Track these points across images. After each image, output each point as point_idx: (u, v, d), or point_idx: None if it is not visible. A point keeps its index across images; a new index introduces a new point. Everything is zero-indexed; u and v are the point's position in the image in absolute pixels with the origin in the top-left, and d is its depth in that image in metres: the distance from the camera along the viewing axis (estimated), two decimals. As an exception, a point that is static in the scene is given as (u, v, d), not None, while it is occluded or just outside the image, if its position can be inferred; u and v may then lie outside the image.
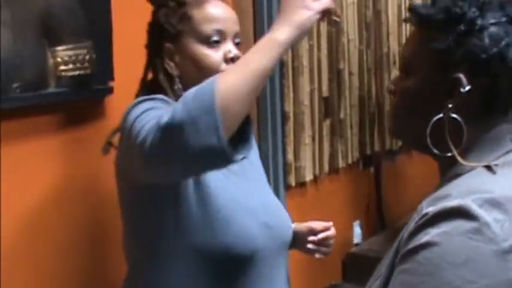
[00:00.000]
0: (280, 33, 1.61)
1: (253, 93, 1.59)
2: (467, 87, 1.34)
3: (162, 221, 1.85)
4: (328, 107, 3.66)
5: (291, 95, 3.41)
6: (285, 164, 3.45)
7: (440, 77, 1.37)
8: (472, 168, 1.36)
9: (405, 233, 1.34)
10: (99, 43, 2.24)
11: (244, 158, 1.64)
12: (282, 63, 3.37)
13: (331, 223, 2.19)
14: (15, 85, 1.99)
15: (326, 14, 1.66)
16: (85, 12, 2.18)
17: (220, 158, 1.55)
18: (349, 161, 3.86)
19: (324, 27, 3.49)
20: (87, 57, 2.19)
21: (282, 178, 3.42)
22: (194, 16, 1.90)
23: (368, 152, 3.97)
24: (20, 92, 2.01)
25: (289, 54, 3.41)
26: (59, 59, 2.11)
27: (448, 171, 1.40)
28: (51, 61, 2.10)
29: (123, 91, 2.23)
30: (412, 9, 1.43)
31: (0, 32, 1.94)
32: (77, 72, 2.16)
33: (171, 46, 1.92)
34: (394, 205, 4.22)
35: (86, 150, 2.29)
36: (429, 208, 1.30)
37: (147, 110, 1.72)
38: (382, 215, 4.07)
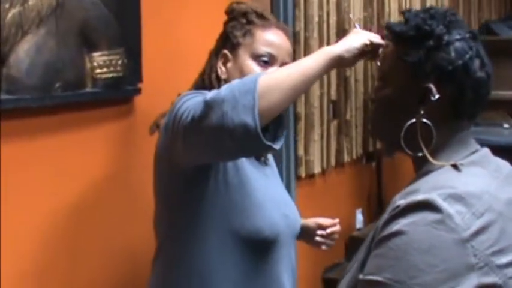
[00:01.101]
0: (331, 47, 1.67)
1: (292, 89, 1.58)
2: (437, 96, 1.35)
3: (201, 203, 1.84)
4: (336, 109, 3.65)
5: (303, 97, 3.40)
6: (296, 158, 3.45)
7: (413, 86, 1.38)
8: (440, 167, 1.38)
9: (380, 222, 1.35)
10: (130, 50, 2.24)
11: (273, 149, 1.59)
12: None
13: (337, 220, 2.22)
14: (57, 85, 2.01)
15: (377, 50, 1.67)
16: (118, 23, 2.19)
17: (251, 138, 1.53)
18: (354, 157, 3.84)
19: (333, 40, 3.48)
20: (120, 62, 2.19)
21: (293, 170, 3.42)
22: (256, 35, 1.93)
23: (370, 149, 3.96)
24: (61, 91, 2.02)
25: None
26: (95, 63, 2.12)
27: (420, 169, 1.42)
28: (88, 65, 2.11)
29: (150, 91, 2.26)
30: (387, 27, 1.44)
31: (46, 40, 1.96)
32: (110, 75, 2.16)
33: (228, 53, 1.95)
34: (392, 195, 4.11)
35: (118, 144, 2.28)
36: (400, 201, 1.32)
37: (193, 97, 1.73)
38: (381, 204, 4.06)
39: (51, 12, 1.95)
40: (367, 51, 1.66)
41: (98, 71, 2.13)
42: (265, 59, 1.90)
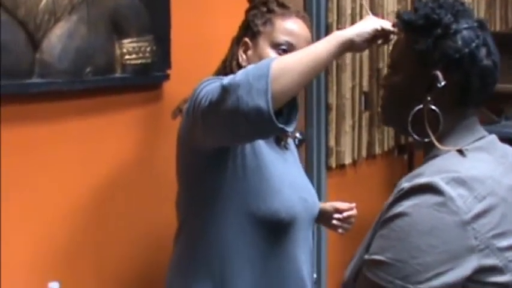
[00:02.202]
0: (341, 31, 1.69)
1: (304, 73, 1.61)
2: (443, 83, 1.39)
3: (220, 185, 1.89)
4: (368, 100, 3.67)
5: (334, 89, 3.43)
6: (327, 148, 3.48)
7: (421, 74, 1.42)
8: (446, 152, 1.41)
9: (386, 204, 1.39)
10: (159, 37, 2.29)
11: (285, 131, 1.63)
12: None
13: (354, 204, 2.24)
14: (87, 70, 2.07)
15: (387, 36, 1.69)
16: (148, 11, 2.24)
17: (265, 121, 1.56)
18: (385, 149, 3.85)
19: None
20: (149, 48, 2.25)
21: (324, 160, 3.46)
22: (276, 24, 1.96)
23: (402, 141, 3.97)
24: (91, 75, 2.08)
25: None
26: (124, 50, 2.17)
27: (427, 154, 1.46)
28: (118, 51, 2.17)
29: (178, 77, 2.31)
30: (398, 16, 1.47)
31: (78, 27, 2.03)
32: (139, 61, 2.22)
33: (248, 41, 1.99)
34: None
35: (146, 128, 2.34)
36: (405, 184, 1.36)
37: (212, 82, 1.77)
38: (413, 197, 4.07)
39: (83, 0, 2.02)
40: (378, 37, 1.68)
41: (127, 57, 2.18)
42: (284, 47, 1.93)
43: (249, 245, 1.90)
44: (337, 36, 1.65)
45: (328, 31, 3.22)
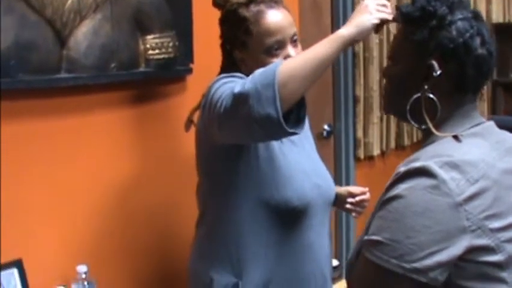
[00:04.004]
0: (343, 30, 1.71)
1: (310, 76, 1.65)
2: (439, 72, 1.44)
3: (235, 175, 1.95)
4: (396, 92, 3.70)
5: (362, 81, 3.49)
6: (355, 140, 3.53)
7: (418, 63, 1.47)
8: (442, 138, 1.46)
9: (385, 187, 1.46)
10: (182, 32, 2.36)
11: (296, 133, 1.69)
12: (353, 54, 3.47)
13: (367, 188, 2.28)
14: (112, 65, 2.16)
15: (384, 23, 1.73)
16: (170, 8, 2.31)
17: (276, 127, 1.62)
18: (414, 140, 3.89)
19: (393, 25, 3.52)
20: (171, 44, 2.32)
21: (352, 151, 3.52)
22: (254, 31, 1.94)
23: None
24: (116, 70, 2.17)
25: (361, 46, 3.49)
26: (148, 45, 2.25)
27: (426, 139, 1.51)
28: (141, 47, 2.25)
29: (201, 71, 2.38)
30: (397, 8, 1.54)
31: (102, 24, 2.12)
32: (162, 56, 2.29)
33: (239, 54, 2.01)
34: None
35: (170, 120, 2.41)
36: (402, 168, 1.42)
37: (225, 83, 1.82)
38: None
39: (107, -1, 2.11)
40: (379, 26, 1.72)
41: (151, 52, 2.26)
42: (275, 47, 1.93)
43: (263, 231, 1.96)
44: (340, 37, 1.69)
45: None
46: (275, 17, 1.95)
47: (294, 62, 1.67)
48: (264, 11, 1.95)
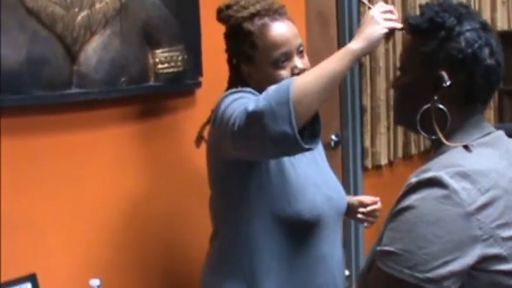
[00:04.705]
0: (353, 43, 1.71)
1: (323, 92, 1.65)
2: (448, 82, 1.45)
3: (247, 189, 1.95)
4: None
5: (369, 91, 3.50)
6: (363, 149, 3.54)
7: (427, 74, 1.48)
8: (453, 148, 1.47)
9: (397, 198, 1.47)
10: (190, 46, 2.38)
11: (311, 149, 1.69)
12: (360, 65, 3.47)
13: (378, 198, 2.28)
14: (122, 79, 2.17)
15: (392, 32, 1.73)
16: (178, 21, 2.33)
17: (292, 144, 1.62)
18: (422, 149, 3.89)
19: (398, 34, 3.53)
20: (180, 57, 2.33)
21: (359, 161, 3.53)
22: (260, 44, 1.95)
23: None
24: (126, 84, 2.18)
25: (368, 56, 3.49)
26: (157, 59, 2.27)
27: (436, 150, 1.52)
28: (151, 61, 2.26)
29: (210, 85, 2.39)
30: (405, 20, 1.55)
31: (112, 39, 2.14)
32: (171, 70, 2.31)
33: (246, 68, 2.01)
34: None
35: (180, 133, 2.42)
36: (413, 179, 1.43)
37: (236, 99, 1.83)
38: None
39: (116, 14, 2.13)
40: (388, 36, 1.73)
41: (160, 66, 2.28)
42: (282, 60, 1.94)
43: (276, 244, 1.96)
44: (350, 53, 1.69)
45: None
46: (280, 29, 1.96)
47: (307, 79, 1.66)
48: (268, 23, 1.96)
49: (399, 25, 1.72)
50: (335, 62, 1.68)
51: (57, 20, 2.00)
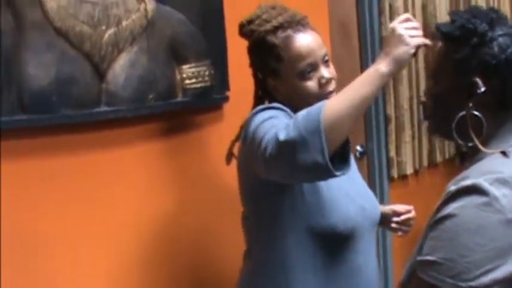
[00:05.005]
0: (382, 66, 1.67)
1: (355, 118, 1.65)
2: (483, 89, 1.44)
3: (280, 208, 1.94)
4: (426, 109, 3.70)
5: (392, 100, 3.48)
6: (388, 159, 3.52)
7: (461, 81, 1.47)
8: (490, 154, 1.46)
9: (435, 207, 1.46)
10: (217, 61, 2.38)
11: (344, 174, 1.68)
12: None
13: (412, 207, 2.27)
14: (150, 96, 2.18)
15: (418, 48, 1.72)
16: (204, 37, 2.33)
17: (324, 172, 1.63)
18: (446, 156, 3.86)
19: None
20: (207, 72, 2.33)
21: (385, 171, 3.50)
22: (285, 57, 1.94)
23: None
24: (154, 101, 2.19)
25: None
26: (184, 75, 2.27)
27: (472, 157, 1.51)
28: (178, 77, 2.26)
29: (237, 99, 2.39)
30: (436, 28, 1.54)
31: (139, 56, 2.15)
32: (199, 85, 2.31)
33: (272, 82, 2.01)
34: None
35: (209, 148, 2.42)
36: (452, 187, 1.42)
37: (266, 119, 1.82)
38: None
39: (143, 31, 2.14)
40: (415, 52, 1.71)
41: (188, 81, 2.28)
42: (308, 71, 1.93)
43: (310, 259, 1.94)
44: (380, 76, 1.66)
45: (383, 44, 3.29)
46: (304, 41, 1.96)
47: (337, 105, 1.64)
48: (292, 35, 1.95)
49: (427, 41, 1.70)
50: (365, 87, 1.66)
51: (85, 39, 2.01)
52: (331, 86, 1.96)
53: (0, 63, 1.85)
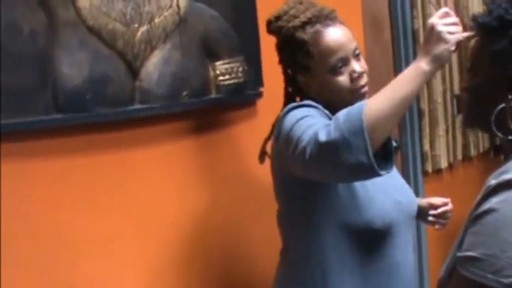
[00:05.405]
0: (423, 65, 1.65)
1: (397, 117, 1.64)
2: None
3: (316, 202, 1.92)
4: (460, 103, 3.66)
5: (426, 94, 3.45)
6: (422, 153, 3.49)
7: (500, 74, 1.43)
8: (530, 148, 1.43)
9: (475, 202, 1.43)
10: (250, 57, 2.37)
11: (388, 173, 1.66)
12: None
13: (449, 199, 2.24)
14: (184, 93, 2.16)
15: (460, 44, 1.70)
16: (237, 33, 2.32)
17: (369, 172, 1.61)
18: (481, 150, 3.83)
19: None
20: (240, 68, 2.32)
21: (419, 165, 3.48)
22: (315, 52, 1.92)
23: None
24: (188, 98, 2.18)
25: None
26: (217, 71, 2.26)
27: (512, 151, 1.48)
28: (211, 73, 2.25)
29: (271, 94, 2.37)
30: (473, 19, 1.51)
31: (172, 53, 2.14)
32: (232, 81, 2.30)
33: (303, 78, 1.99)
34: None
35: (243, 145, 2.42)
36: (492, 181, 1.39)
37: (301, 118, 1.80)
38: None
39: (175, 28, 2.13)
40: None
41: (221, 78, 2.27)
42: (339, 66, 1.91)
43: (346, 256, 1.93)
44: (421, 75, 1.64)
45: (414, 37, 3.26)
46: (334, 35, 1.93)
47: (379, 104, 1.62)
48: (321, 30, 1.93)
49: (466, 34, 1.67)
50: (406, 86, 1.64)
51: (118, 37, 2.00)
52: (363, 80, 1.94)
53: (34, 63, 1.85)
